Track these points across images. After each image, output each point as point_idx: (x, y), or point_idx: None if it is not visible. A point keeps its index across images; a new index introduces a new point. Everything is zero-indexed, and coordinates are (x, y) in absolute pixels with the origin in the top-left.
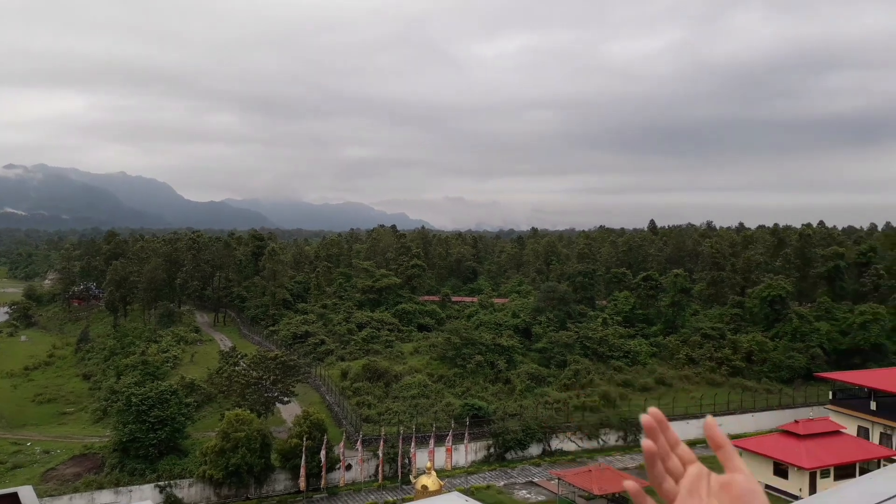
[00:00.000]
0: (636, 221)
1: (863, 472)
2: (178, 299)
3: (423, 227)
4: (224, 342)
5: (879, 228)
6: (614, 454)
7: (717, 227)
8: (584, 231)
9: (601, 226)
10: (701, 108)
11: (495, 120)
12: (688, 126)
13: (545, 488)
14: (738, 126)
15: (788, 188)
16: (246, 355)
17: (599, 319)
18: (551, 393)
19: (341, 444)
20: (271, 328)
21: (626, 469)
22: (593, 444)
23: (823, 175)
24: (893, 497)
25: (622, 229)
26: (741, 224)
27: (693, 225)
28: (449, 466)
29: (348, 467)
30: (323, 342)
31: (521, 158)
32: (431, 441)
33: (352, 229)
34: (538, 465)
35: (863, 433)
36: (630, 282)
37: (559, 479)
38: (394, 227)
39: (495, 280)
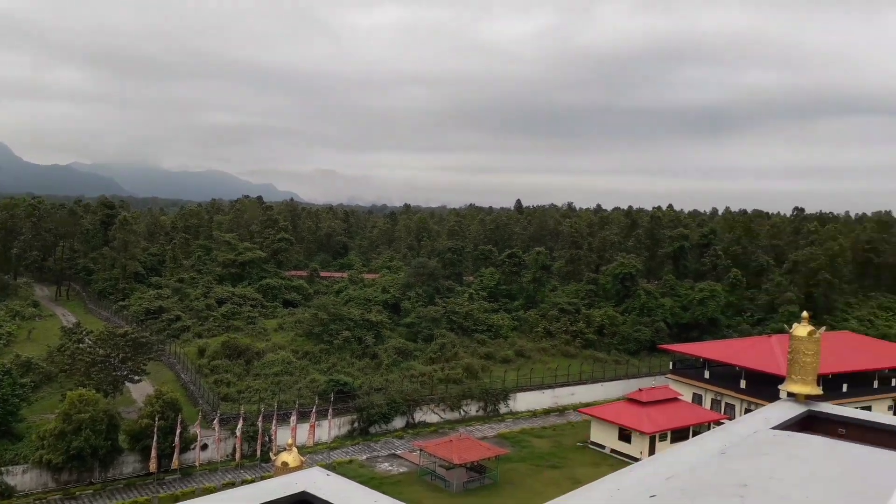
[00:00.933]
0: (504, 201)
1: (695, 434)
2: (14, 271)
3: (291, 200)
4: (67, 317)
5: (720, 213)
6: (474, 424)
7: (578, 209)
8: (454, 209)
9: (471, 204)
10: (567, 92)
11: (370, 93)
12: (555, 110)
13: (407, 460)
14: (601, 112)
15: (643, 172)
16: (92, 332)
17: (466, 295)
18: (417, 367)
19: (197, 423)
20: (121, 303)
21: (484, 438)
22: (455, 416)
23: (675, 161)
24: (721, 454)
25: (490, 208)
26: (599, 206)
27: (555, 206)
28: (311, 443)
29: (204, 447)
30: (178, 318)
31: (396, 133)
32: (293, 418)
33: (213, 199)
34: (401, 438)
35: (697, 399)
36: (496, 259)
37: (421, 450)
38: (260, 198)
39: (366, 255)
